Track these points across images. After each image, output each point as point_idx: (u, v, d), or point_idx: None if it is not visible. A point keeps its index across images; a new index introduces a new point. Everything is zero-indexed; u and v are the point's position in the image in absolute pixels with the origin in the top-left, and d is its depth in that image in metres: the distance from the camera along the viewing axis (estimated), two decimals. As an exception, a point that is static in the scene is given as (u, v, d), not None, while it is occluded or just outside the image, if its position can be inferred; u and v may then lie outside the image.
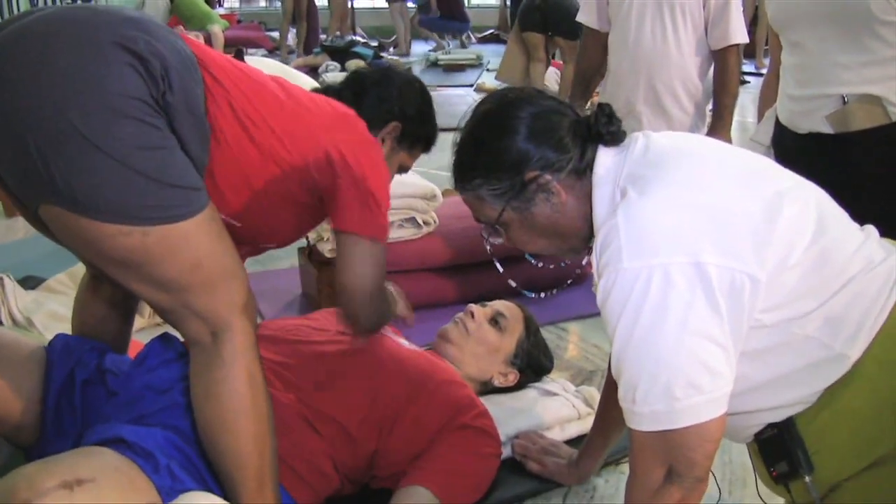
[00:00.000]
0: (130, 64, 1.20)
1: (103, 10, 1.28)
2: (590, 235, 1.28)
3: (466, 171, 1.29)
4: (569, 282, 1.49)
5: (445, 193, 2.92)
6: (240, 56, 3.95)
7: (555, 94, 1.33)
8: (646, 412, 1.11)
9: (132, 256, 1.23)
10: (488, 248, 1.40)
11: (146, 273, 1.26)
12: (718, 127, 2.78)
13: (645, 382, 1.10)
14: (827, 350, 1.15)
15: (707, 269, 1.08)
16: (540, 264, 1.49)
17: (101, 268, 1.30)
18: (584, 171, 1.25)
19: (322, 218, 1.68)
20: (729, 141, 2.75)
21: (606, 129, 1.25)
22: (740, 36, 2.70)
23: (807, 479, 1.19)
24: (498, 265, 1.46)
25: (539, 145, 1.24)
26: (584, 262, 1.43)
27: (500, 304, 2.06)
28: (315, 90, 1.74)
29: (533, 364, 2.07)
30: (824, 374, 1.16)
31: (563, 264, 1.46)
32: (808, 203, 1.18)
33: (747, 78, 8.04)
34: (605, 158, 1.25)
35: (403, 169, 1.82)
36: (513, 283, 1.51)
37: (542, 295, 1.53)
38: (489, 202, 1.28)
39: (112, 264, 1.27)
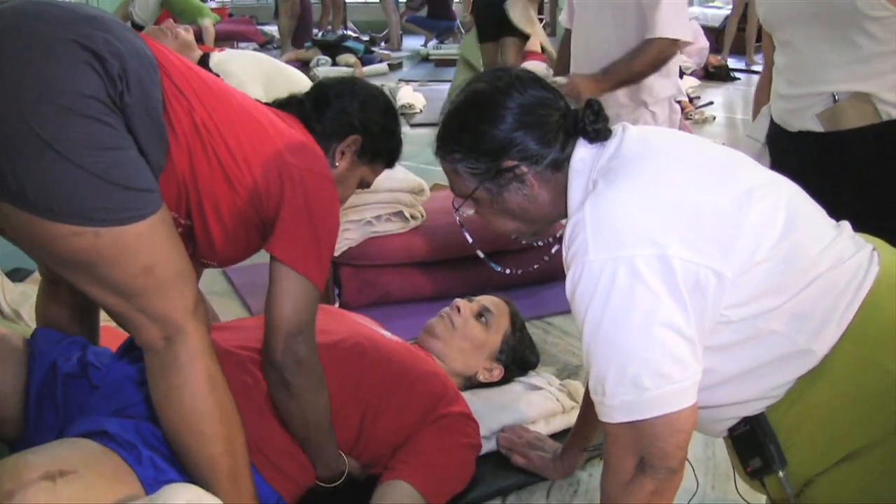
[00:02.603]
0: (87, 62, 1.17)
1: (66, 6, 1.25)
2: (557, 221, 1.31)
3: (448, 144, 1.32)
4: (535, 266, 1.50)
5: (433, 188, 2.92)
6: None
7: (549, 84, 1.33)
8: (616, 403, 1.12)
9: (84, 258, 1.20)
10: (468, 238, 1.40)
11: (99, 275, 1.23)
12: (598, 78, 2.54)
13: (613, 374, 1.11)
14: (792, 345, 1.16)
15: (672, 263, 1.09)
16: (507, 270, 1.52)
17: (54, 268, 1.27)
18: (563, 163, 1.27)
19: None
20: (596, 92, 2.46)
21: (592, 126, 1.27)
22: (669, 30, 2.52)
23: (780, 473, 1.20)
24: (480, 254, 1.48)
25: (523, 137, 1.25)
26: (552, 251, 1.43)
27: (486, 300, 2.07)
28: (277, 101, 1.71)
29: (518, 360, 2.08)
30: (791, 367, 1.18)
31: (536, 244, 1.47)
32: (778, 200, 1.19)
33: (737, 75, 8.08)
34: (583, 151, 1.26)
35: (364, 184, 1.78)
36: (506, 271, 1.52)
37: (520, 272, 1.54)
38: (464, 178, 1.30)
39: (64, 265, 1.24)
